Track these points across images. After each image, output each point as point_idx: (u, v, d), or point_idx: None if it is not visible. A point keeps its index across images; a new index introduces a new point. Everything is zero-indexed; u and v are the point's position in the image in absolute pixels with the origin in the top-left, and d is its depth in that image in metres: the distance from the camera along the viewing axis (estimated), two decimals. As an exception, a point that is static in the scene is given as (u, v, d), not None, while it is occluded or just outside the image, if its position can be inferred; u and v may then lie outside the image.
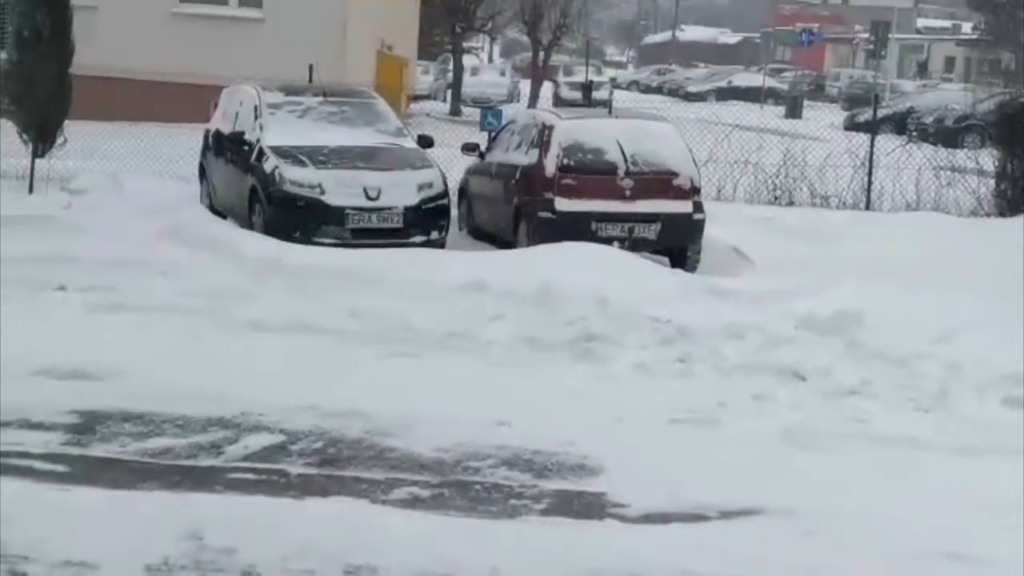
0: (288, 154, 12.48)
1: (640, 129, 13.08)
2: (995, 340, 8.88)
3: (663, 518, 5.86)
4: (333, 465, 6.56)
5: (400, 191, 12.35)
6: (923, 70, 65.57)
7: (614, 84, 47.77)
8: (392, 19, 29.39)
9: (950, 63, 70.94)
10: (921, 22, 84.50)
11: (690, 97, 51.23)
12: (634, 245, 12.08)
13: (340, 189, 12.17)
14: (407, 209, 12.29)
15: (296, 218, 12.08)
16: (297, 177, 12.25)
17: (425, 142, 13.56)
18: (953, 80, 58.42)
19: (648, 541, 5.41)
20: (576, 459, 6.73)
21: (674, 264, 12.33)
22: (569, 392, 8.04)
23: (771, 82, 52.79)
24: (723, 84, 55.29)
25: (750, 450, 7.01)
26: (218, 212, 13.72)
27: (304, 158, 12.43)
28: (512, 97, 42.54)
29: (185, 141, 16.42)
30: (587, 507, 6.09)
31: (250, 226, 12.48)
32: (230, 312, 9.48)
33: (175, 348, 8.56)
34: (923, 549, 5.51)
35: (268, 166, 12.45)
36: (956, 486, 6.50)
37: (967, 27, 72.32)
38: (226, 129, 13.84)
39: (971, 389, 8.07)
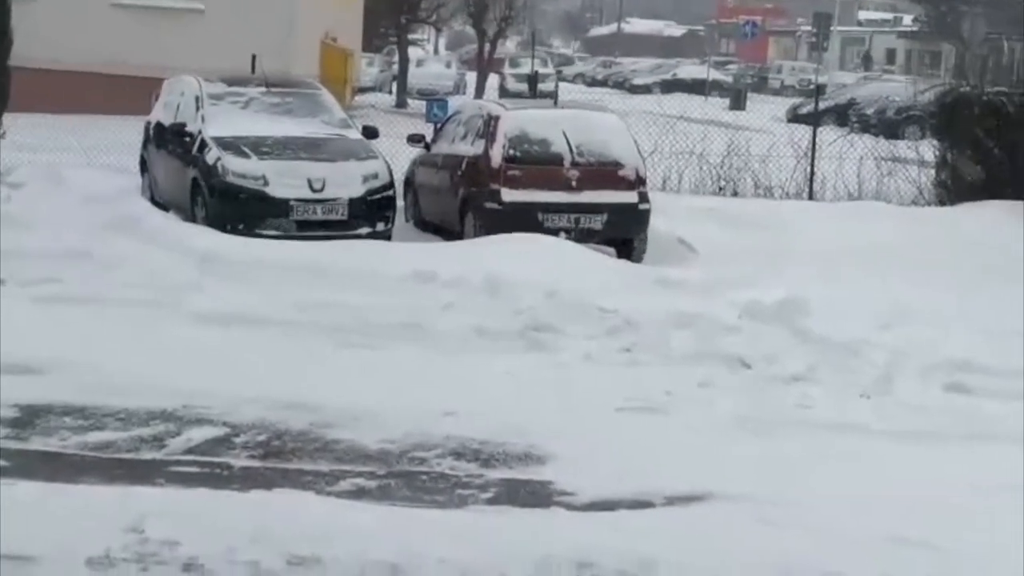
0: (231, 145, 12.36)
1: (585, 120, 13.09)
2: (937, 326, 9.00)
3: (610, 505, 5.87)
4: (278, 457, 6.51)
5: (345, 182, 12.27)
6: (867, 61, 66.14)
7: (560, 76, 47.78)
8: (337, 10, 29.24)
9: (891, 55, 71.64)
10: (863, 14, 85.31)
11: (635, 89, 51.36)
12: (580, 236, 12.09)
13: (284, 180, 12.07)
14: (352, 200, 12.22)
15: (239, 210, 11.97)
16: (240, 168, 12.13)
17: (370, 133, 13.48)
18: (894, 72, 59.02)
19: (595, 528, 5.42)
20: (523, 448, 6.72)
21: (620, 254, 12.36)
22: (517, 382, 8.04)
23: (715, 74, 53.04)
24: (668, 76, 55.46)
25: (696, 437, 7.05)
26: (160, 204, 13.55)
27: (247, 149, 12.32)
28: (458, 89, 42.43)
29: (126, 133, 16.22)
30: (534, 495, 6.09)
31: (192, 218, 12.36)
32: (175, 305, 9.39)
33: (119, 341, 8.46)
34: (868, 533, 5.56)
35: (210, 157, 12.32)
36: (899, 470, 6.57)
37: (908, 19, 73.10)
38: (167, 121, 13.68)
39: (914, 375, 8.17)
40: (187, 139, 12.86)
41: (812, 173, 16.79)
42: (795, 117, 31.61)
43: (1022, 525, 5.69)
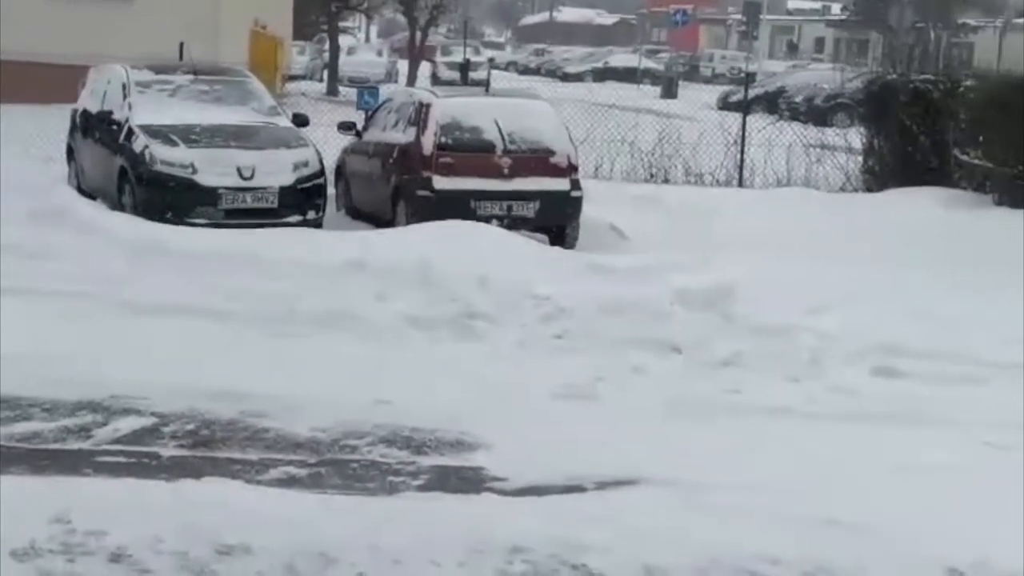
0: (158, 133, 12.22)
1: (517, 107, 13.10)
2: (865, 311, 9.11)
3: (541, 490, 5.89)
4: (206, 446, 6.45)
5: (275, 170, 12.18)
6: (792, 49, 66.72)
7: (492, 65, 47.74)
8: (266, -2, 28.95)
9: (820, 43, 72.35)
10: (792, 3, 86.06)
11: (567, 77, 51.45)
12: (513, 223, 12.10)
13: (213, 169, 11.96)
14: (282, 189, 12.13)
15: (168, 199, 11.84)
16: (168, 157, 12.00)
17: (300, 121, 13.40)
18: (823, 60, 59.60)
19: (525, 513, 5.42)
20: (456, 435, 6.71)
21: (553, 242, 12.38)
22: (450, 369, 8.02)
23: (647, 63, 53.36)
24: (600, 65, 55.63)
25: (628, 422, 7.07)
26: (86, 193, 13.38)
27: (175, 137, 12.19)
28: (390, 77, 42.28)
29: (53, 122, 15.99)
30: (465, 482, 6.09)
31: (120, 207, 12.20)
32: (104, 295, 9.25)
33: (46, 332, 8.32)
34: (798, 515, 5.59)
35: (138, 146, 12.18)
36: (829, 454, 6.63)
37: (837, 8, 73.87)
38: (94, 109, 13.51)
39: (842, 359, 8.25)
40: (114, 127, 12.70)
41: (742, 160, 16.96)
42: (726, 105, 31.83)
43: (950, 505, 5.78)
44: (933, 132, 15.37)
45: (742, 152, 17.02)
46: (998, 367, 8.10)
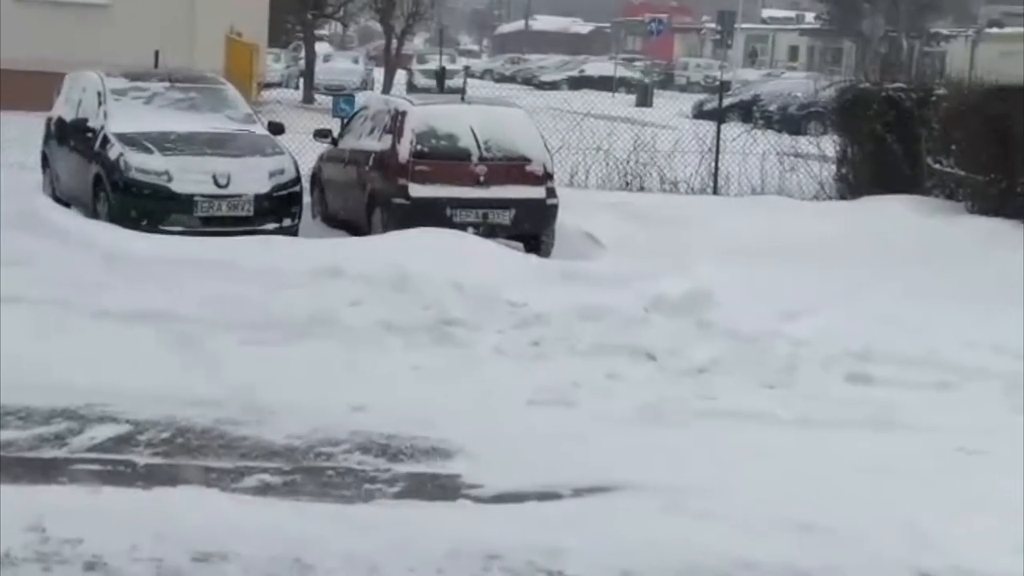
0: (133, 141, 12.20)
1: (493, 116, 13.11)
2: (839, 318, 9.18)
3: (517, 497, 5.89)
4: (182, 454, 6.43)
5: (250, 178, 12.16)
6: (753, 56, 66.87)
7: (468, 72, 47.79)
8: (242, 5, 28.95)
9: (794, 52, 72.73)
10: (766, 12, 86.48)
11: (543, 86, 51.49)
12: (489, 231, 12.12)
13: (188, 176, 11.94)
14: (258, 196, 12.12)
15: (143, 206, 11.81)
16: (143, 164, 11.97)
17: (276, 129, 13.40)
18: (797, 68, 59.93)
19: (501, 520, 5.44)
20: (432, 442, 6.71)
21: (528, 249, 12.40)
22: (426, 376, 8.02)
23: (622, 71, 53.46)
24: (575, 73, 55.74)
25: (604, 429, 7.09)
26: (61, 201, 13.34)
27: (150, 145, 12.16)
28: (366, 84, 42.24)
29: (28, 129, 15.93)
30: (441, 489, 6.09)
31: (95, 215, 12.17)
32: (79, 302, 9.20)
33: (22, 339, 8.27)
34: (774, 520, 5.62)
35: (113, 153, 12.15)
36: (803, 459, 6.66)
37: (810, 17, 74.27)
38: (69, 116, 13.47)
39: (816, 365, 8.30)
40: (89, 135, 12.66)
41: (716, 168, 17.05)
42: (700, 113, 31.94)
43: (923, 511, 5.82)
44: (906, 140, 15.47)
45: (717, 160, 17.11)
46: (970, 372, 8.17)
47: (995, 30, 66.10)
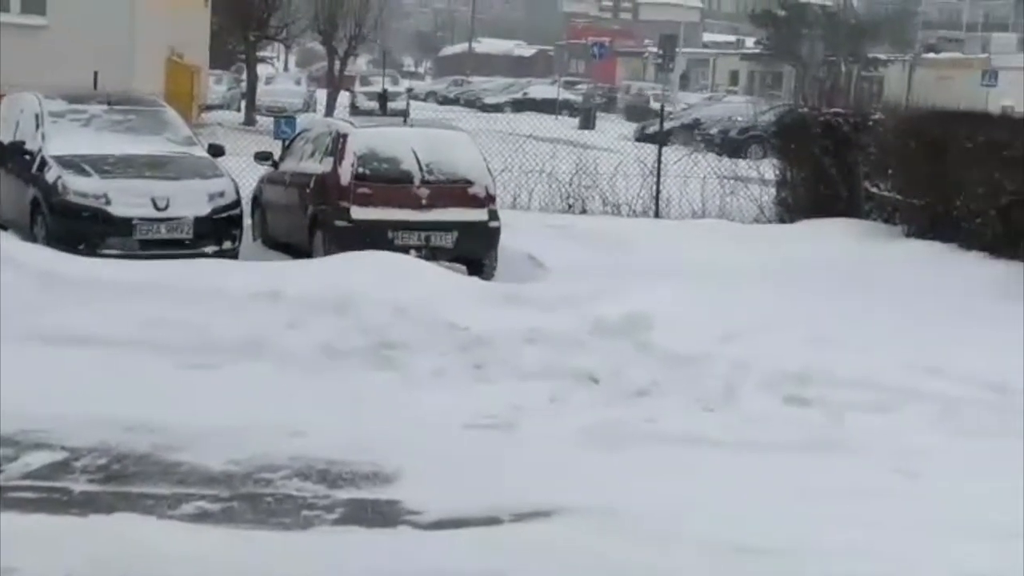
0: (71, 163, 12.08)
1: (435, 138, 13.13)
2: (778, 340, 9.24)
3: (457, 523, 5.86)
4: (118, 481, 6.35)
5: (190, 201, 12.09)
6: (683, 80, 67.32)
7: (411, 95, 47.77)
8: (182, 26, 28.76)
9: (735, 76, 73.43)
10: (707, 36, 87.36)
11: (487, 108, 51.62)
12: (431, 254, 12.11)
13: (127, 199, 11.85)
14: (198, 219, 12.04)
15: (80, 229, 11.70)
16: (81, 187, 11.87)
17: (216, 151, 13.33)
18: (738, 92, 60.48)
19: (441, 546, 5.41)
20: (371, 467, 6.67)
21: (471, 272, 12.39)
22: (367, 400, 7.98)
23: (566, 94, 53.71)
24: (519, 96, 55.90)
25: (545, 452, 7.08)
26: (-1, 224, 13.18)
27: (88, 168, 12.06)
28: (308, 106, 42.12)
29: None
30: (381, 515, 6.05)
31: (32, 238, 12.02)
32: (15, 326, 9.07)
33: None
34: (712, 542, 5.65)
35: (50, 176, 12.03)
36: (741, 481, 6.69)
37: (750, 42, 75.07)
38: (6, 138, 13.31)
39: (755, 387, 8.35)
40: (27, 157, 12.53)
41: (658, 191, 17.16)
42: (643, 136, 32.13)
43: (860, 532, 5.86)
44: (844, 164, 15.67)
45: (658, 183, 17.23)
46: (907, 394, 8.25)
47: (932, 55, 67.23)
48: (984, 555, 5.58)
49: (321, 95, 43.00)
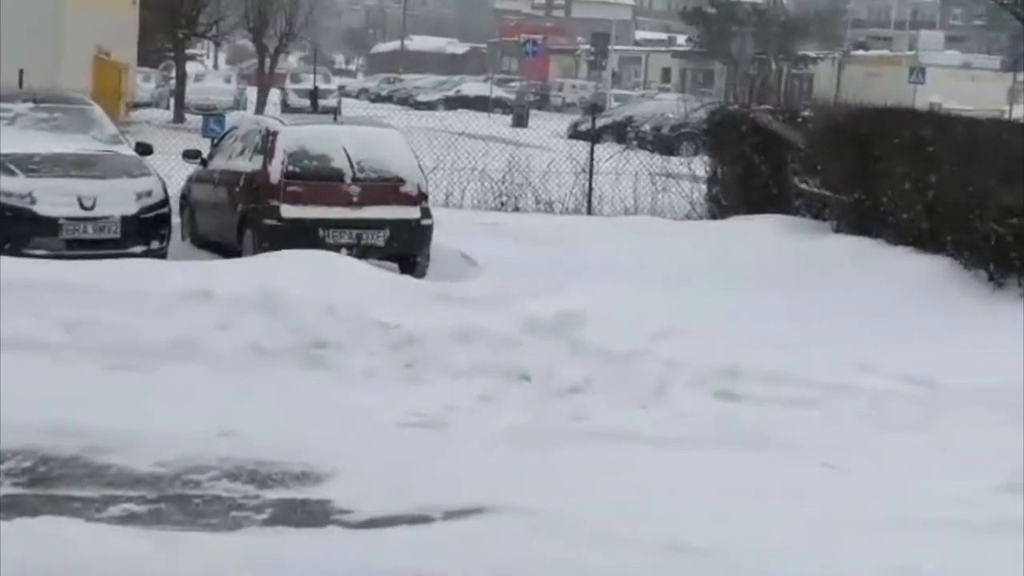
0: (-4, 162, 11.88)
1: (366, 136, 13.08)
2: (709, 336, 9.31)
3: (388, 521, 5.83)
4: (44, 484, 6.25)
5: (117, 200, 11.94)
6: (613, 76, 67.65)
7: (343, 92, 47.53)
8: (110, 24, 28.43)
9: (667, 73, 73.90)
10: (639, 34, 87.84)
11: (419, 106, 51.54)
12: (363, 252, 12.05)
13: (52, 198, 11.68)
14: (125, 218, 11.89)
15: (5, 229, 11.50)
16: (5, 187, 11.67)
17: (143, 149, 13.17)
18: (670, 90, 60.86)
19: (371, 545, 5.38)
20: (302, 467, 6.62)
21: (403, 270, 12.36)
22: (297, 400, 7.91)
23: (498, 91, 53.75)
24: (451, 93, 55.88)
25: (477, 451, 7.07)
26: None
27: (12, 167, 11.85)
28: (238, 104, 41.78)
29: None
30: (311, 515, 6.00)
31: (-46, 239, 11.80)
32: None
33: None
34: (646, 540, 5.65)
35: (-26, 175, 11.81)
36: (674, 478, 6.71)
37: (682, 39, 75.56)
38: (-72, 137, 13.05)
39: (686, 384, 8.39)
40: (-51, 157, 12.28)
41: (591, 188, 17.21)
42: (575, 134, 32.19)
43: (791, 527, 5.90)
44: (774, 161, 15.79)
45: (590, 180, 17.27)
46: (836, 390, 8.33)
47: (861, 52, 68.12)
48: (917, 548, 5.63)
49: (252, 93, 42.74)
